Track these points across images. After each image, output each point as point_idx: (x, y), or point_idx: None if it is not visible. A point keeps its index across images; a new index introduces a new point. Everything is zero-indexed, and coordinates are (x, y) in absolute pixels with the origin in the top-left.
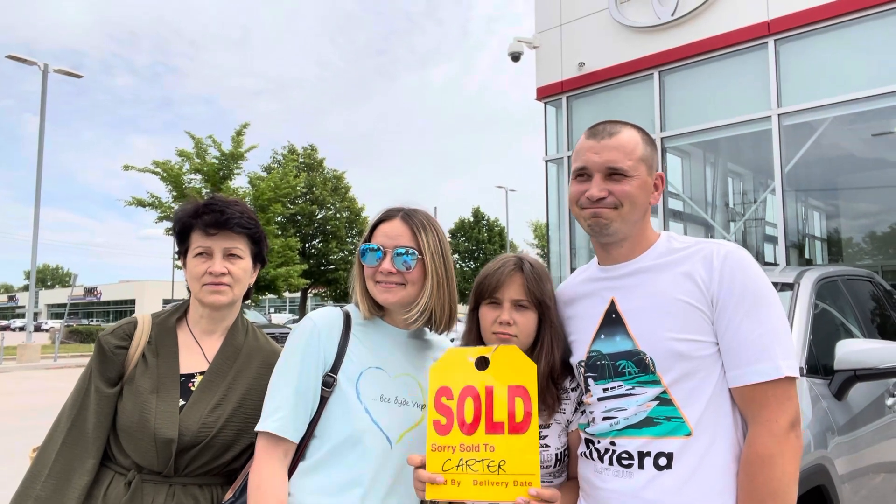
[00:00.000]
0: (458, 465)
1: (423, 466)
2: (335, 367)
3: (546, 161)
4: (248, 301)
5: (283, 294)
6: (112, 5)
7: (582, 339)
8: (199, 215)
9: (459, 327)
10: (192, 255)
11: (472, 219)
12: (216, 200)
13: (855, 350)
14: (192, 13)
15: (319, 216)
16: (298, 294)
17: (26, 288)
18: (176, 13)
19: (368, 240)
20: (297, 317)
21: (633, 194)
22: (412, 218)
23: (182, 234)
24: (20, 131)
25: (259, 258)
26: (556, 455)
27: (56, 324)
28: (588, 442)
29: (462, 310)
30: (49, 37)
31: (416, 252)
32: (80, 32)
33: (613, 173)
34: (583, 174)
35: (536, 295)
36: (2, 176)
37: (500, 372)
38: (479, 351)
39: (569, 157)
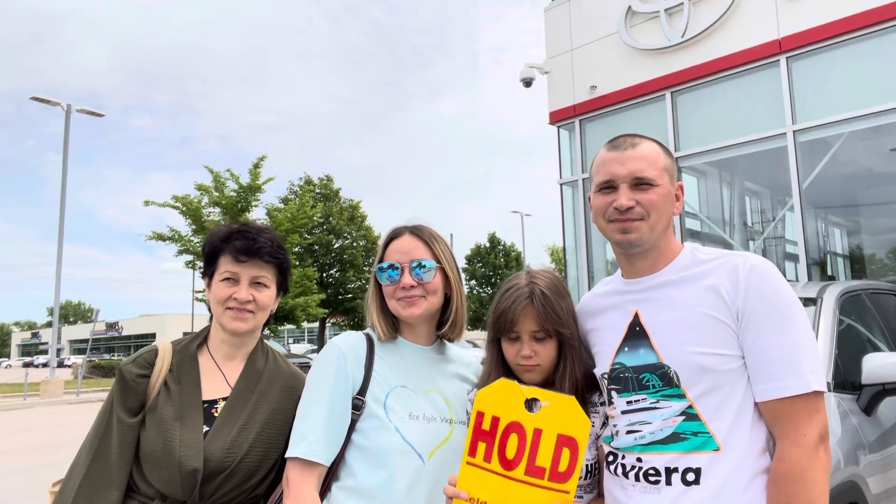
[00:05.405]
0: (490, 490)
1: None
2: (362, 390)
3: (561, 184)
4: (267, 332)
5: (302, 324)
6: (132, 49)
7: (606, 351)
8: (231, 240)
9: (477, 352)
10: (218, 279)
11: (487, 244)
12: (249, 227)
13: (883, 363)
14: (208, 54)
15: (336, 245)
16: (317, 324)
17: (49, 324)
18: (193, 55)
19: (382, 260)
20: (315, 347)
21: (660, 203)
22: (421, 231)
23: (211, 257)
24: (43, 171)
25: (283, 287)
26: (587, 467)
27: (78, 359)
28: (613, 455)
29: (479, 334)
30: (72, 81)
31: (434, 262)
32: (102, 76)
33: (640, 183)
34: (608, 186)
35: (551, 325)
36: (26, 214)
37: (552, 419)
38: (534, 392)
39: (584, 180)
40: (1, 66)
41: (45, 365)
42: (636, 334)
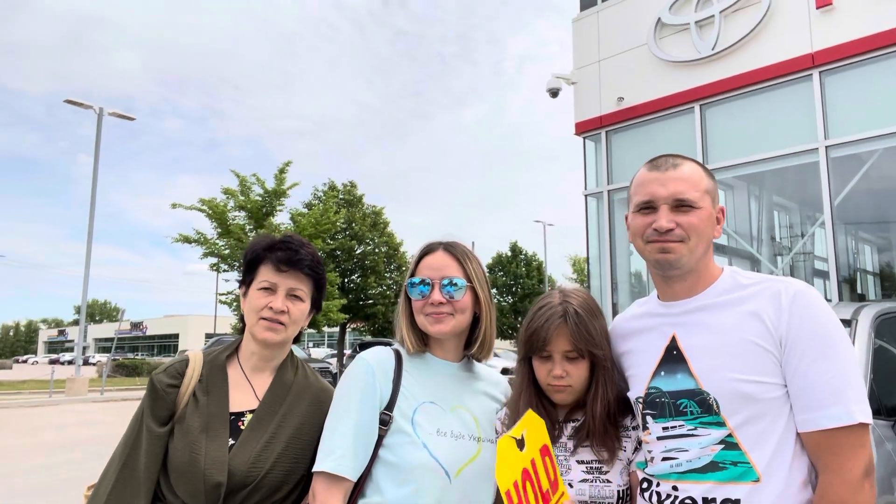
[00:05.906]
0: None
1: None
2: (390, 405)
3: (586, 195)
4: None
5: (322, 328)
6: (162, 53)
7: (640, 375)
8: (273, 250)
9: (496, 362)
10: (255, 288)
11: (509, 253)
12: (292, 239)
13: None
14: (237, 60)
15: (358, 251)
16: (337, 328)
17: (76, 322)
18: (222, 60)
19: (413, 274)
20: (335, 351)
21: (700, 227)
22: (455, 248)
23: (251, 265)
24: (74, 172)
25: (317, 304)
26: (619, 493)
27: (103, 357)
28: (647, 482)
29: (498, 344)
30: (103, 84)
31: (465, 280)
32: (132, 79)
33: (681, 205)
34: (648, 207)
35: (585, 345)
36: (56, 215)
37: (531, 442)
38: (518, 431)
39: (609, 191)
40: (35, 68)
41: (70, 362)
42: (673, 358)
